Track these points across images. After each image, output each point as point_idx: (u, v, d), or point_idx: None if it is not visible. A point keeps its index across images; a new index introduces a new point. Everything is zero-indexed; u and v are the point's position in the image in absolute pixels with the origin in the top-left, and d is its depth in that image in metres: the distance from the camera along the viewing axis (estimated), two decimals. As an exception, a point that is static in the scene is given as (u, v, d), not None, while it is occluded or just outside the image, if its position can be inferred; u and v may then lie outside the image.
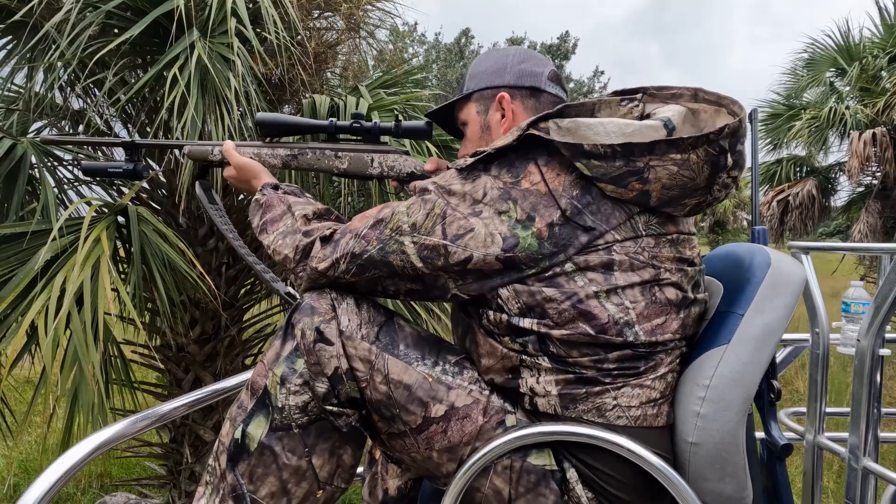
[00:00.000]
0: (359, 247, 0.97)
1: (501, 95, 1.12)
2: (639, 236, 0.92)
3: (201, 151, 1.32)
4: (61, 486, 0.78)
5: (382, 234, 0.97)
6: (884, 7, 7.21)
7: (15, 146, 2.07)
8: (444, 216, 0.94)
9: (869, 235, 6.94)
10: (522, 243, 0.91)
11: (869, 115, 6.89)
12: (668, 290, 0.94)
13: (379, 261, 0.97)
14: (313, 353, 0.93)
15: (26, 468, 3.21)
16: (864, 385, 1.22)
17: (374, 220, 0.99)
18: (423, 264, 0.95)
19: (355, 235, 0.99)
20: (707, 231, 26.94)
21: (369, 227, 0.99)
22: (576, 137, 0.91)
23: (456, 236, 0.93)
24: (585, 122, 0.92)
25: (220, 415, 2.63)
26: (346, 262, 0.98)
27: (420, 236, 0.94)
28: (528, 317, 0.93)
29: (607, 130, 0.91)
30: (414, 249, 0.95)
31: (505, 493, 0.91)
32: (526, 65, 1.14)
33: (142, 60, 2.41)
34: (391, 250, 0.96)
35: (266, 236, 1.11)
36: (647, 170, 0.90)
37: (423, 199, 0.96)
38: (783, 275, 0.96)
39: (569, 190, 0.92)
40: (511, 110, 1.12)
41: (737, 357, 0.91)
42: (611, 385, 0.91)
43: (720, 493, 0.92)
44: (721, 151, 0.91)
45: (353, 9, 2.70)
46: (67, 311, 1.71)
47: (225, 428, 0.96)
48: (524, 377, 0.94)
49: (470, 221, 0.92)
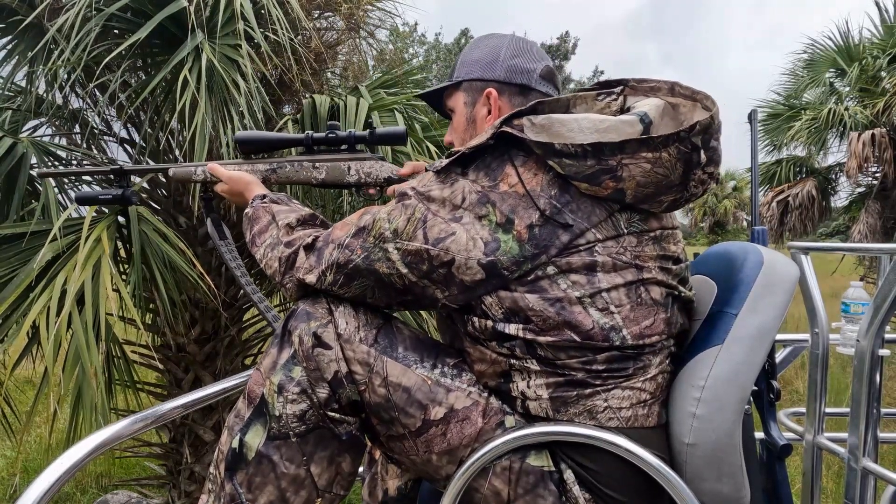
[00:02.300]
0: (343, 256, 0.97)
1: (489, 91, 1.10)
2: (620, 235, 0.92)
3: (185, 173, 1.34)
4: (61, 485, 0.79)
5: (366, 243, 0.96)
6: (884, 7, 7.21)
7: (15, 146, 2.07)
8: (424, 221, 0.93)
9: (868, 236, 6.94)
10: (503, 247, 0.90)
11: (868, 115, 6.89)
12: (653, 290, 0.93)
13: (365, 269, 0.96)
14: (312, 359, 0.92)
15: (26, 468, 3.21)
16: (864, 385, 1.22)
17: (356, 227, 0.98)
18: (408, 270, 0.94)
19: (338, 245, 0.98)
20: (707, 232, 26.94)
21: (351, 235, 0.98)
22: (549, 135, 0.90)
23: (437, 240, 0.92)
24: (559, 119, 0.91)
25: (220, 415, 2.63)
26: (333, 272, 0.97)
27: (403, 242, 0.93)
28: (512, 322, 0.92)
29: (581, 127, 0.90)
30: (398, 256, 0.94)
31: (504, 494, 0.91)
32: (519, 60, 1.11)
33: (143, 63, 2.41)
34: (376, 258, 0.95)
35: (257, 250, 1.11)
36: (619, 167, 0.89)
37: (404, 204, 0.95)
38: (777, 274, 0.96)
39: (547, 189, 0.91)
40: (498, 107, 1.10)
41: (731, 357, 0.91)
42: (601, 387, 0.90)
43: (717, 493, 0.92)
44: (694, 148, 0.90)
45: (353, 9, 2.70)
46: (69, 311, 1.71)
47: (223, 436, 0.96)
48: (515, 381, 0.94)
49: (451, 226, 0.92)
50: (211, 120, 1.94)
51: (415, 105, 2.72)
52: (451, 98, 1.17)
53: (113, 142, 2.59)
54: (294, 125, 2.38)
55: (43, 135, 2.44)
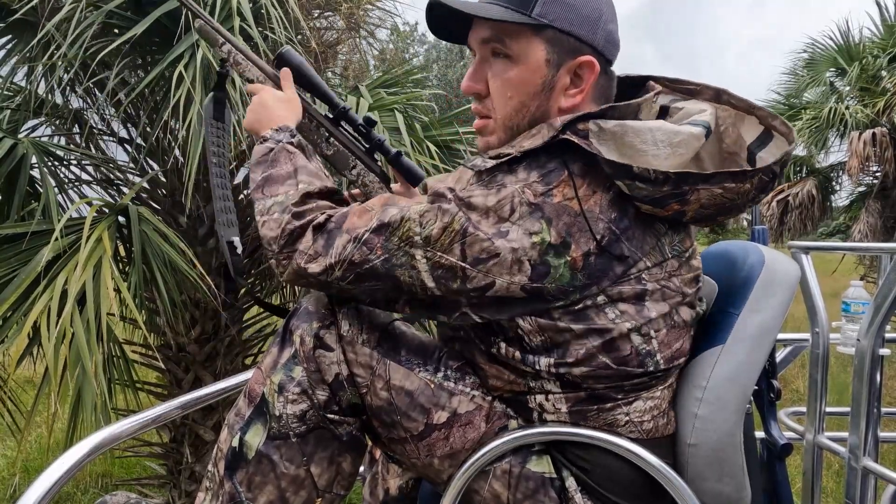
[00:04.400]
0: (359, 254, 0.84)
1: (588, 60, 0.87)
2: (665, 260, 0.86)
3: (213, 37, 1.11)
4: (61, 486, 0.78)
5: (389, 243, 0.83)
6: (884, 7, 7.22)
7: (16, 146, 2.07)
8: (464, 234, 0.81)
9: (869, 235, 6.94)
10: (554, 273, 0.81)
11: (869, 115, 6.89)
12: (683, 311, 0.90)
13: (383, 273, 0.84)
14: (313, 360, 0.91)
15: (27, 468, 3.21)
16: (864, 385, 1.22)
17: (379, 222, 0.84)
18: (435, 284, 0.83)
19: (355, 239, 0.84)
20: (707, 231, 26.93)
21: (372, 230, 0.84)
22: (620, 147, 0.81)
23: (477, 260, 0.81)
24: (634, 128, 0.82)
25: (221, 415, 2.63)
26: (342, 268, 0.85)
27: (434, 252, 0.82)
28: (546, 356, 0.85)
29: (655, 139, 0.81)
30: (426, 266, 0.82)
31: (503, 498, 0.90)
32: (613, 28, 0.90)
33: (142, 60, 2.41)
34: (398, 263, 0.83)
35: (262, 199, 0.93)
36: (691, 193, 0.83)
37: (441, 208, 0.82)
38: (778, 273, 0.96)
39: (606, 212, 0.82)
40: (587, 90, 0.89)
41: (733, 357, 0.91)
42: (622, 401, 0.88)
43: (719, 493, 0.92)
44: (773, 178, 0.86)
45: (354, 9, 2.70)
46: (70, 311, 1.71)
47: (223, 434, 0.95)
48: (533, 395, 0.90)
49: (495, 244, 0.80)
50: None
51: (415, 105, 2.72)
52: (516, 39, 0.87)
53: (112, 141, 2.59)
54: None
55: (42, 135, 2.45)
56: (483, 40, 0.89)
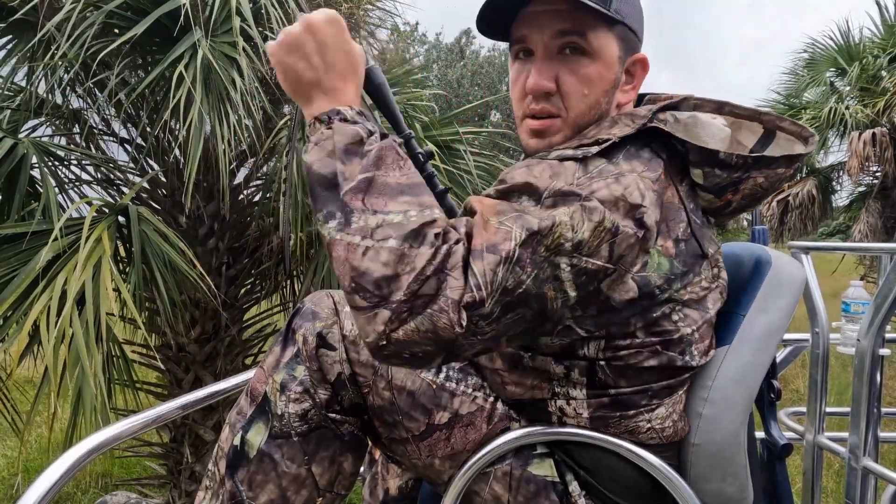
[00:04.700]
0: (512, 278, 0.68)
1: (644, 57, 0.90)
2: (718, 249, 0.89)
3: None
4: (61, 486, 0.78)
5: (536, 256, 0.69)
6: (884, 7, 7.22)
7: (16, 146, 2.07)
8: (615, 232, 0.73)
9: (869, 235, 6.94)
10: (652, 263, 0.79)
11: (869, 115, 6.90)
12: (713, 309, 0.90)
13: (534, 295, 0.70)
14: (315, 360, 0.91)
15: (27, 468, 3.21)
16: (864, 385, 1.22)
17: (527, 232, 0.69)
18: (576, 293, 0.73)
19: (506, 259, 0.67)
20: (707, 231, 26.89)
21: (521, 243, 0.69)
22: (691, 136, 0.83)
23: (620, 257, 0.74)
24: (703, 120, 0.84)
25: (221, 415, 2.64)
26: (494, 300, 0.67)
27: (581, 258, 0.72)
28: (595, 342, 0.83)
29: (713, 132, 0.84)
30: (570, 276, 0.72)
31: (504, 500, 0.89)
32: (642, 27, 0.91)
33: (142, 61, 2.41)
34: (545, 277, 0.70)
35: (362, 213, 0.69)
36: (745, 181, 0.85)
37: (585, 207, 0.72)
38: (784, 274, 0.96)
39: (687, 200, 0.83)
40: (640, 82, 0.91)
41: (739, 358, 0.91)
42: (645, 407, 0.87)
43: (721, 494, 0.92)
44: (798, 169, 0.90)
45: (354, 8, 2.70)
46: (69, 311, 1.71)
47: (224, 433, 0.95)
48: (555, 399, 0.89)
49: (638, 235, 0.75)
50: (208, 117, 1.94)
51: (415, 105, 2.72)
52: (595, 34, 0.83)
53: (112, 141, 2.59)
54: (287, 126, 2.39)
55: (42, 135, 2.45)
56: (560, 32, 0.83)
